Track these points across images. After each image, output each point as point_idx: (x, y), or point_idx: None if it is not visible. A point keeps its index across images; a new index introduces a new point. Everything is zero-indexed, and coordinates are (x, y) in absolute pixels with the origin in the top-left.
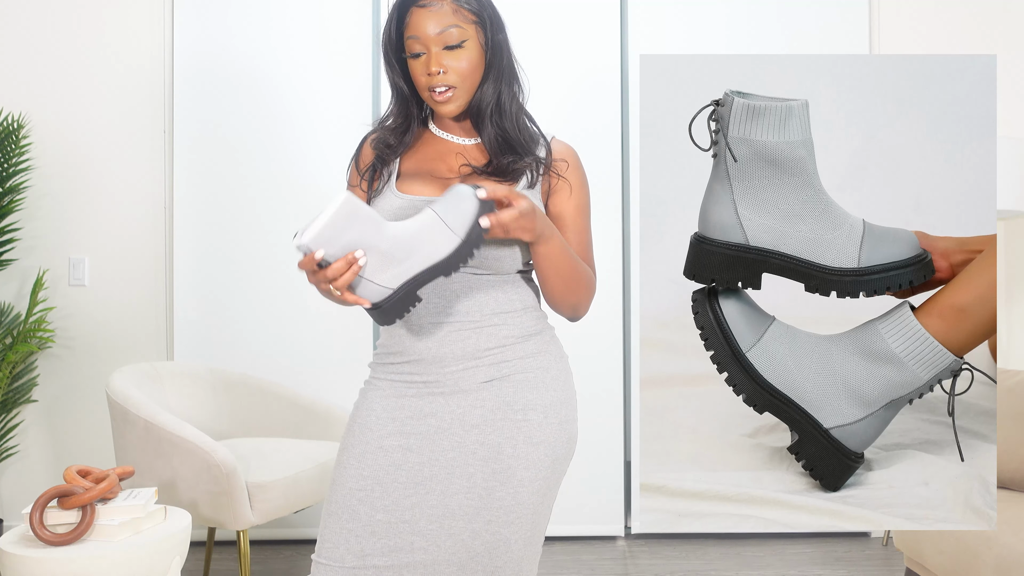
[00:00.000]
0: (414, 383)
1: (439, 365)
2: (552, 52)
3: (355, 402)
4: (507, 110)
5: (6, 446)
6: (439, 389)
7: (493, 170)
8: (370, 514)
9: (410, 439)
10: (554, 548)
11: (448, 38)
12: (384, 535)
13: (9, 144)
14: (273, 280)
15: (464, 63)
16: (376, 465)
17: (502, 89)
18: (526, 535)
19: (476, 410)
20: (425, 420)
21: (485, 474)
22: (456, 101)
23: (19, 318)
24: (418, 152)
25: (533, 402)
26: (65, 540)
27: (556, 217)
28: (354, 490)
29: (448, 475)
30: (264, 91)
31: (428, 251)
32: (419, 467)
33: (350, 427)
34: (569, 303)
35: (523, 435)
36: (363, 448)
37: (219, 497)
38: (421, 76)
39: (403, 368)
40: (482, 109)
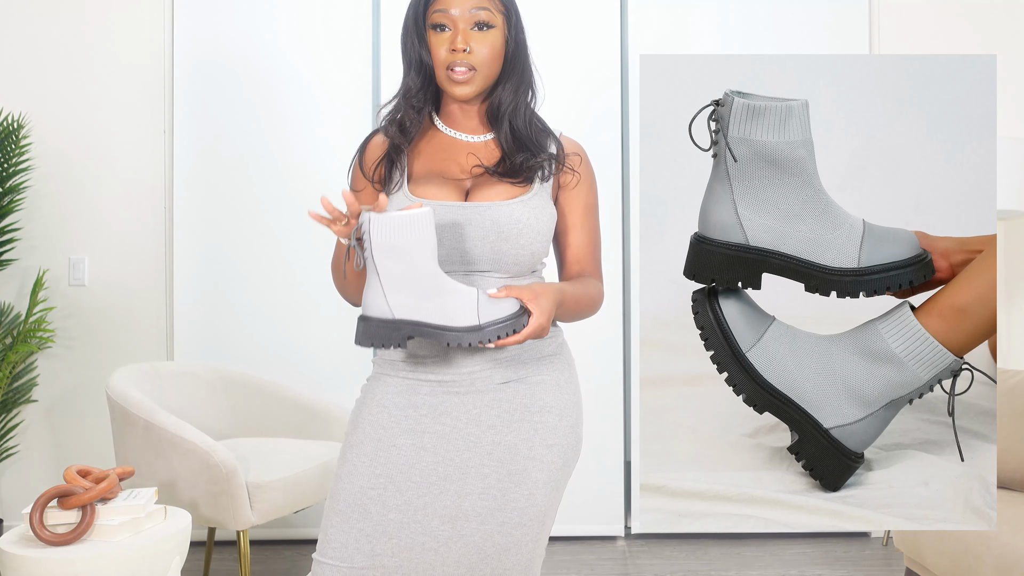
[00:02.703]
0: (428, 381)
1: (456, 366)
2: (552, 52)
3: (359, 398)
4: (523, 113)
5: (6, 446)
6: (455, 389)
7: (505, 170)
8: (382, 513)
9: (424, 438)
10: (554, 548)
11: (478, 17)
12: (396, 535)
13: (9, 144)
14: (274, 280)
15: (488, 48)
16: (390, 464)
17: (521, 92)
18: (536, 537)
19: (492, 411)
20: (440, 419)
21: (500, 475)
22: (473, 84)
23: (19, 318)
24: (426, 151)
25: (549, 404)
26: (65, 540)
27: (565, 215)
28: (366, 488)
29: (463, 476)
30: (265, 91)
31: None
32: (433, 467)
33: (357, 423)
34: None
35: (539, 437)
36: (375, 446)
37: (219, 497)
38: (442, 51)
39: (417, 365)
40: (501, 109)
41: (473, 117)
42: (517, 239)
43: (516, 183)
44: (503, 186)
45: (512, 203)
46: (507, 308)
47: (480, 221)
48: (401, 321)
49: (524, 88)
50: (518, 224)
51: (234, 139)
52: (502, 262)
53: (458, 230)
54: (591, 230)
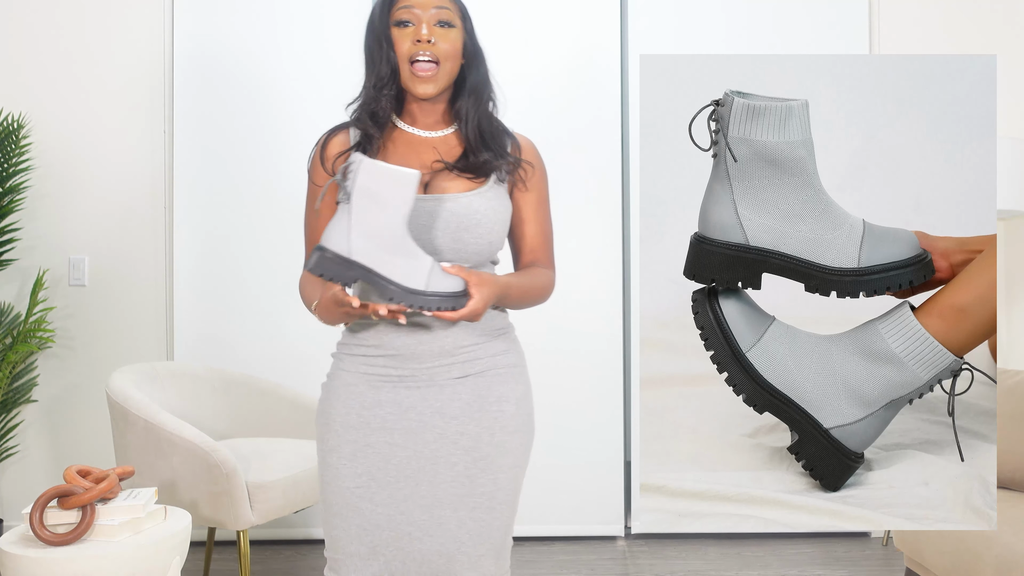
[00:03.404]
0: (389, 377)
1: (416, 360)
2: (552, 52)
3: (323, 397)
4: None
5: (6, 446)
6: (414, 383)
7: (465, 166)
8: (372, 508)
9: (394, 434)
10: (554, 548)
11: (441, 16)
12: (386, 527)
13: (9, 144)
14: (273, 280)
15: (450, 44)
16: (368, 462)
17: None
18: (505, 522)
19: (454, 403)
20: (405, 415)
21: (467, 463)
22: (435, 82)
23: (19, 318)
24: (386, 148)
25: (506, 395)
26: (65, 540)
27: (520, 208)
28: (352, 488)
29: (434, 466)
30: (265, 91)
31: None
32: (407, 461)
33: (329, 427)
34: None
35: (499, 425)
36: (351, 448)
37: (219, 497)
38: (407, 44)
39: (377, 361)
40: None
41: (432, 114)
42: (476, 229)
43: (475, 177)
44: (461, 180)
45: (469, 195)
46: (453, 285)
47: (441, 212)
48: (356, 263)
49: (486, 88)
50: (476, 215)
51: (234, 139)
52: (463, 251)
53: (420, 221)
54: (544, 222)
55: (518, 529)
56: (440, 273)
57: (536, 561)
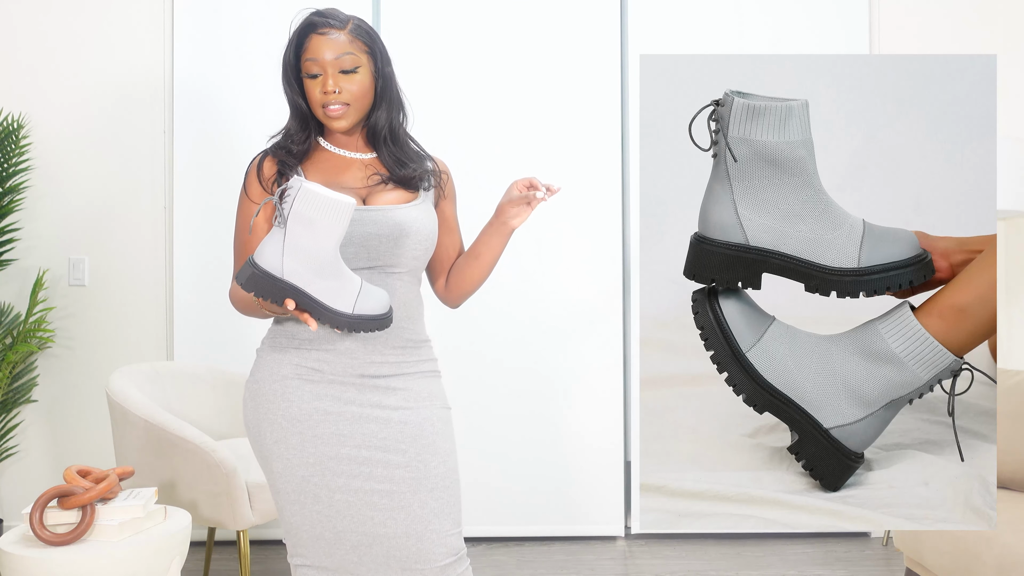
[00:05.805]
0: (324, 372)
1: (349, 356)
2: (552, 52)
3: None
4: (398, 133)
5: (6, 446)
6: (348, 380)
7: (398, 180)
8: (329, 495)
9: (340, 425)
10: (554, 548)
11: (343, 63)
12: (347, 513)
13: (9, 144)
14: None
15: (356, 86)
16: (317, 452)
17: (393, 115)
18: (458, 500)
19: (390, 397)
20: (346, 407)
21: (417, 448)
22: (347, 118)
23: (19, 318)
24: (319, 168)
25: (431, 391)
26: (65, 540)
27: (442, 220)
28: (307, 477)
29: (385, 453)
30: (264, 91)
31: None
32: (357, 450)
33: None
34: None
35: (436, 416)
36: (299, 438)
37: (219, 497)
38: (317, 94)
39: (310, 356)
40: (377, 132)
41: (355, 140)
42: (416, 236)
43: (407, 190)
44: (397, 192)
45: (408, 207)
46: (379, 308)
47: (384, 221)
48: (287, 283)
49: (396, 111)
50: (416, 223)
51: (234, 139)
52: (403, 257)
53: (364, 230)
54: (459, 232)
55: (518, 529)
56: (367, 294)
57: (536, 561)
